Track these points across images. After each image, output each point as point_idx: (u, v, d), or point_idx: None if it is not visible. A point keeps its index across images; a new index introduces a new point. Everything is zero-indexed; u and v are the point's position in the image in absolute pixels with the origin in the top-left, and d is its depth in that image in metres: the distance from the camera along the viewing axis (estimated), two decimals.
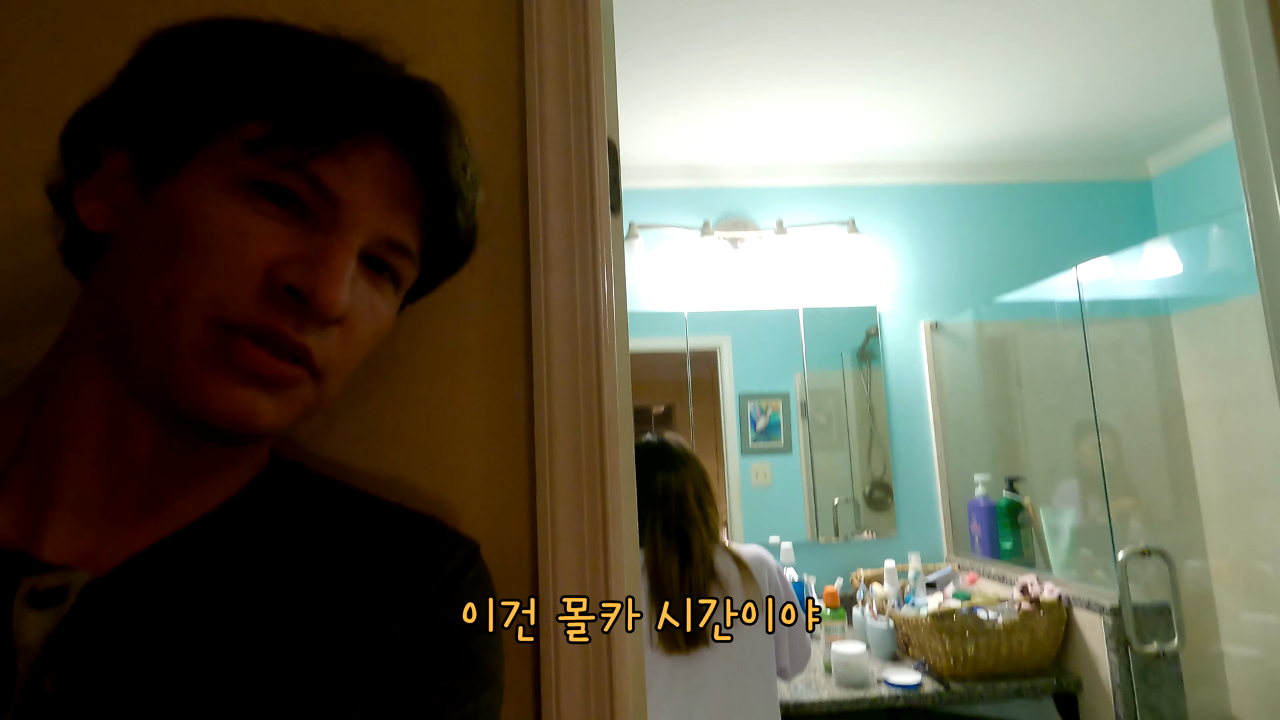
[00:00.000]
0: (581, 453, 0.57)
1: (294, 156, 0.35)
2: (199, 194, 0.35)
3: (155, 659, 0.34)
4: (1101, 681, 1.65)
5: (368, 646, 0.37)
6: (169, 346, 0.34)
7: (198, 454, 0.39)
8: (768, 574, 1.45)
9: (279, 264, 0.35)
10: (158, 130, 0.37)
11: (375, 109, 0.37)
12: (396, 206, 0.39)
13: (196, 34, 0.39)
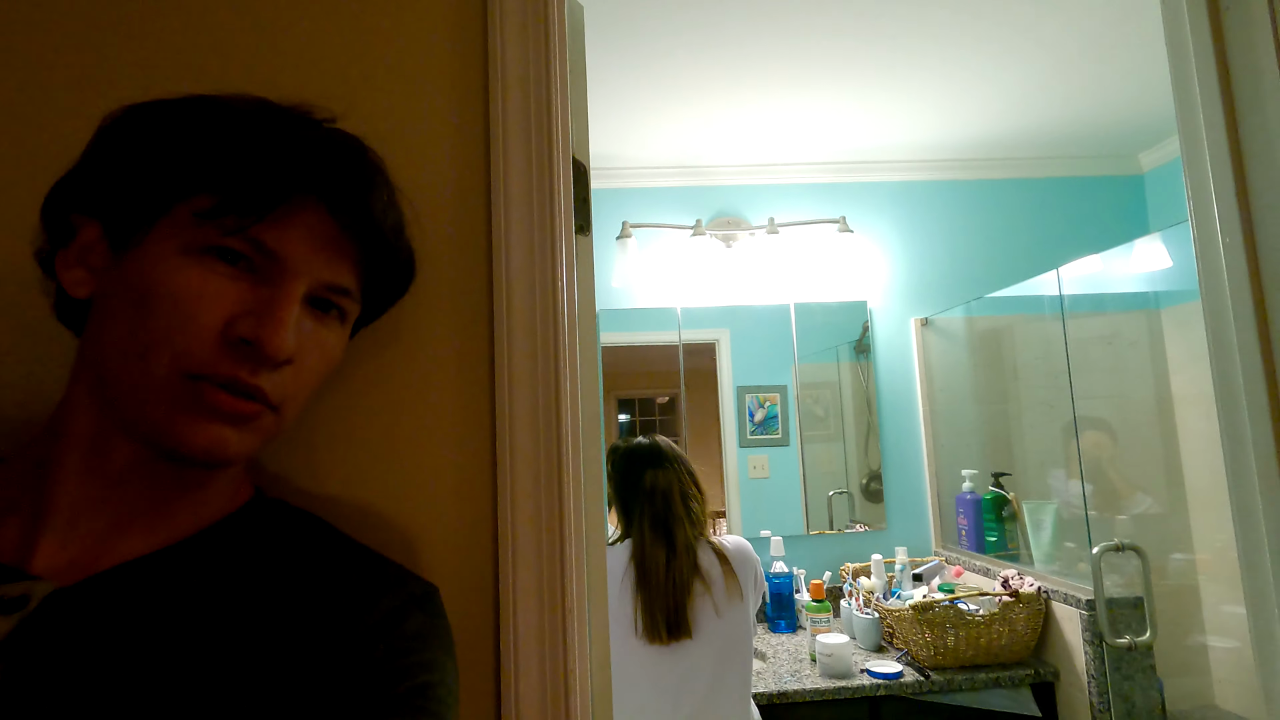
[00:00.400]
0: (541, 469, 0.61)
1: (237, 224, 0.41)
2: (161, 261, 0.41)
3: (96, 661, 0.39)
4: (1077, 672, 1.69)
5: (299, 675, 0.41)
6: (146, 393, 0.40)
7: (175, 479, 0.44)
8: (750, 566, 1.50)
9: (233, 318, 0.41)
10: (122, 203, 0.42)
11: (302, 176, 0.42)
12: (332, 255, 0.45)
13: (149, 114, 0.44)
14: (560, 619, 0.60)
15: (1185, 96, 0.82)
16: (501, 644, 0.59)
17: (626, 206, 2.40)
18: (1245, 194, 0.76)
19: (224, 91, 0.47)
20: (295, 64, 0.63)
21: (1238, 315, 0.77)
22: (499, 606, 0.59)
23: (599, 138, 2.16)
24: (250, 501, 0.50)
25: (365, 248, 0.46)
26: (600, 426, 0.76)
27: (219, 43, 0.63)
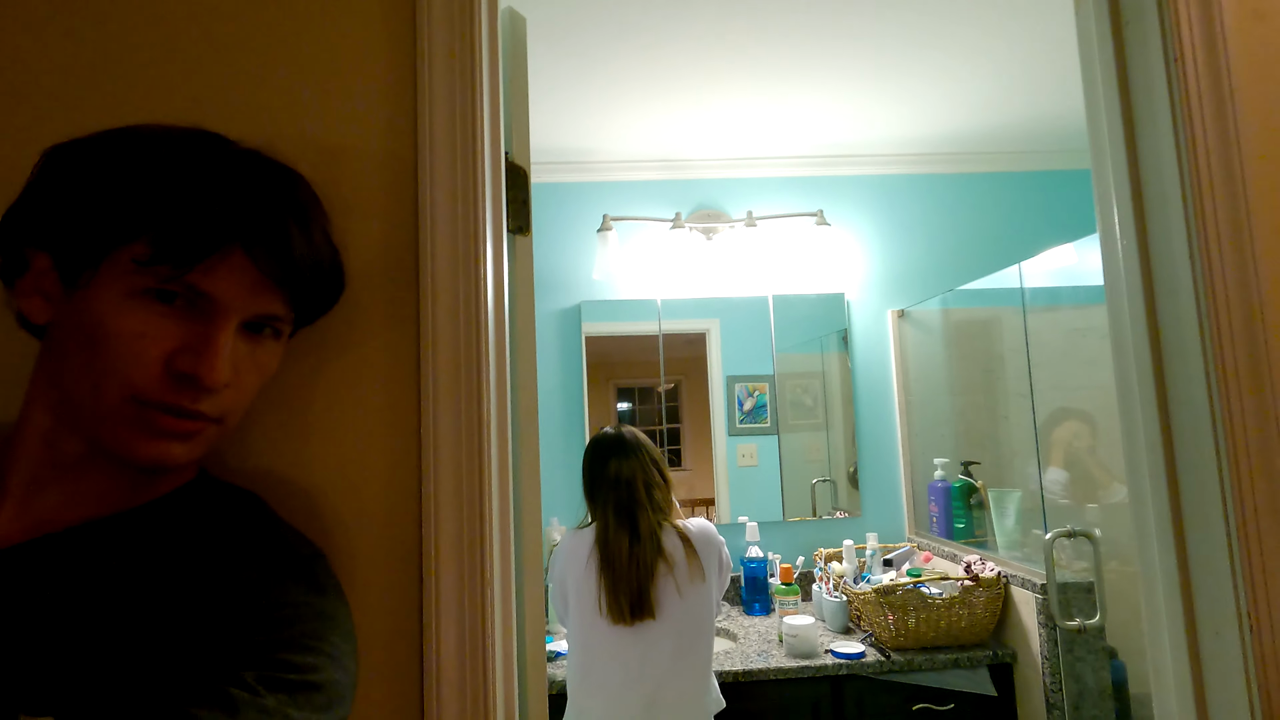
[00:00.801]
0: (463, 456, 0.66)
1: (172, 274, 0.47)
2: (108, 304, 0.47)
3: (14, 607, 0.46)
4: (1033, 653, 1.75)
5: (184, 622, 0.47)
6: (102, 417, 0.47)
7: (120, 468, 0.51)
8: (713, 548, 1.56)
9: (173, 354, 0.47)
10: (67, 244, 0.48)
11: (227, 228, 0.48)
12: (259, 289, 0.51)
13: (85, 153, 0.49)
14: (480, 591, 0.66)
15: (1093, 108, 0.86)
16: (424, 613, 0.65)
17: (606, 200, 2.44)
18: (1140, 201, 0.80)
19: (159, 120, 0.52)
20: (230, 85, 0.69)
21: (1132, 315, 0.81)
22: (422, 579, 0.65)
23: (577, 131, 2.20)
24: (192, 481, 0.57)
25: (289, 284, 0.52)
26: (536, 418, 0.82)
27: (163, 74, 0.68)
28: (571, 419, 2.39)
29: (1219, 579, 0.73)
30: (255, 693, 0.42)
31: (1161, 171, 0.76)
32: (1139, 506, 0.83)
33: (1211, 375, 0.71)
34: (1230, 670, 0.71)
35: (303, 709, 0.44)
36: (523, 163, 0.86)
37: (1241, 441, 0.69)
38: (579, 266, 2.43)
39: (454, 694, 0.63)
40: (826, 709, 1.79)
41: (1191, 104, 0.72)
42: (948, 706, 1.80)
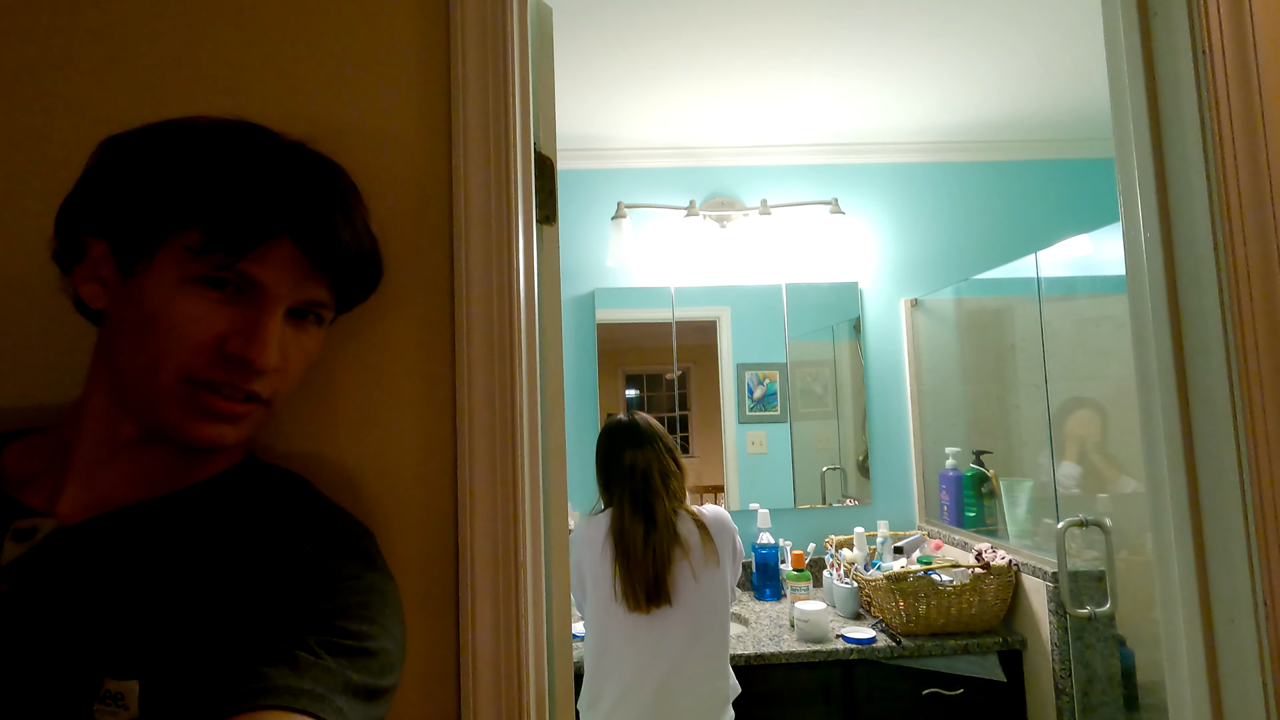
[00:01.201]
0: (496, 440, 0.68)
1: (224, 261, 0.49)
2: (162, 289, 0.49)
3: (81, 580, 0.49)
4: (1043, 640, 1.77)
5: (241, 595, 0.49)
6: (156, 398, 0.50)
7: (173, 449, 0.54)
8: (727, 534, 1.58)
9: (224, 336, 0.50)
10: (124, 232, 0.50)
11: (277, 220, 0.50)
12: (305, 278, 0.53)
13: (140, 144, 0.51)
14: (514, 572, 0.68)
15: (1118, 99, 0.86)
16: (460, 593, 0.67)
17: (621, 187, 2.45)
18: (1165, 194, 0.80)
19: (207, 113, 0.54)
20: (275, 80, 0.70)
21: (1154, 307, 0.82)
22: (458, 561, 0.67)
23: (592, 118, 2.20)
24: (240, 463, 0.59)
25: (334, 272, 0.55)
26: (563, 405, 0.84)
27: (203, 66, 0.70)
28: (584, 406, 2.41)
29: (1235, 568, 0.74)
30: (317, 655, 0.45)
31: (1187, 164, 0.77)
32: (1156, 496, 0.84)
33: (1233, 367, 0.72)
34: (1245, 657, 0.73)
35: (360, 672, 0.46)
36: (549, 153, 0.87)
37: (1261, 433, 0.70)
38: (593, 254, 2.44)
39: (489, 671, 0.66)
40: (837, 692, 1.81)
41: (1219, 97, 0.73)
42: (957, 691, 1.82)
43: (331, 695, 0.43)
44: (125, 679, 0.45)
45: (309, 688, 0.43)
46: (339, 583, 0.51)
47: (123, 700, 0.45)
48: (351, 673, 0.46)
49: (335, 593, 0.50)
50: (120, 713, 0.44)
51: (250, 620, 0.48)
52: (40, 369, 0.66)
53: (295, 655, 0.44)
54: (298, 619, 0.47)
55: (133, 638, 0.47)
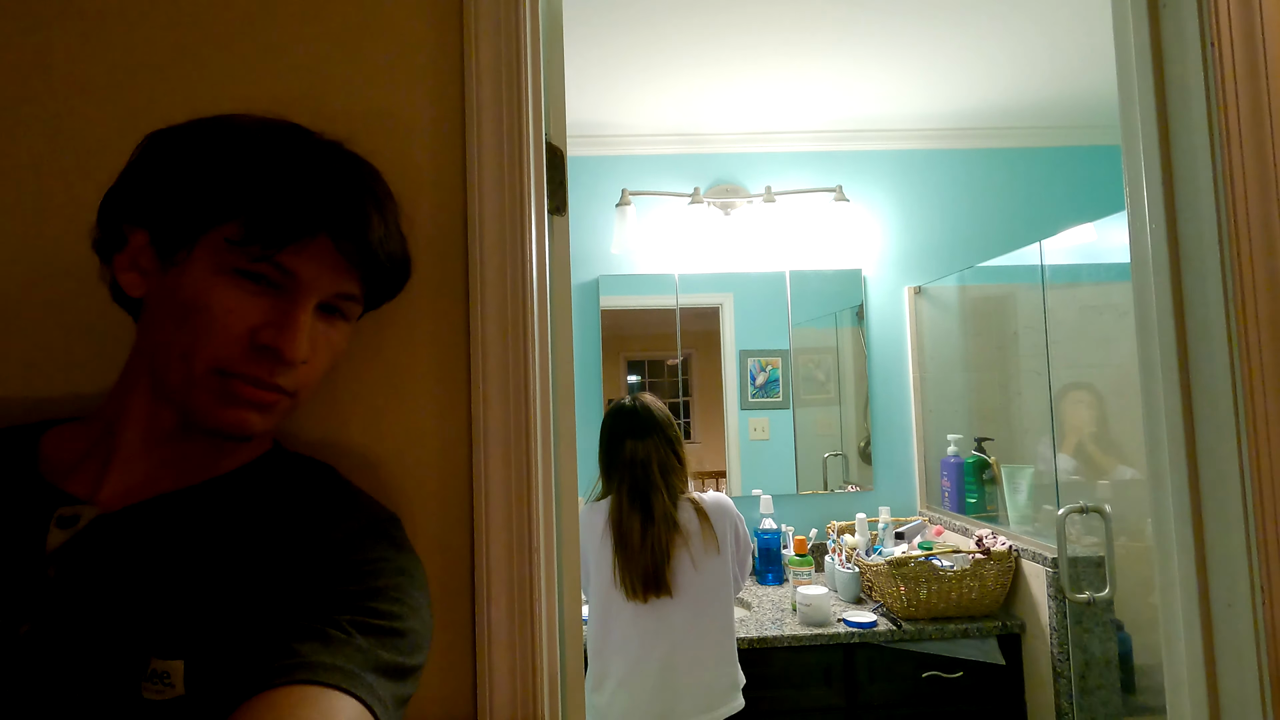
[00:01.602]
0: (510, 429, 0.70)
1: (263, 253, 0.50)
2: (200, 280, 0.50)
3: (124, 566, 0.50)
4: (1042, 625, 1.79)
5: (274, 578, 0.51)
6: (188, 386, 0.51)
7: (209, 439, 0.55)
8: (728, 520, 1.60)
9: (257, 328, 0.51)
10: (165, 222, 0.51)
11: (315, 216, 0.51)
12: (339, 272, 0.54)
13: (183, 140, 0.52)
14: (528, 558, 0.69)
15: (1125, 90, 0.87)
16: (476, 578, 0.68)
17: (625, 174, 2.44)
18: (1171, 184, 0.81)
19: (247, 110, 0.55)
20: (297, 79, 0.71)
21: (1158, 296, 0.83)
22: (474, 547, 0.69)
23: (596, 105, 2.20)
24: (268, 452, 0.61)
25: (366, 269, 0.56)
26: (573, 394, 0.85)
27: (237, 66, 0.71)
28: (589, 393, 2.43)
29: (1234, 554, 0.75)
30: (349, 634, 0.47)
31: (1194, 155, 0.77)
32: (1157, 482, 0.85)
33: (1235, 357, 0.73)
34: (1241, 641, 0.75)
35: (390, 651, 0.48)
36: (560, 143, 0.88)
37: (1262, 422, 0.72)
38: (597, 240, 2.44)
39: (504, 653, 0.67)
40: (838, 674, 1.84)
41: (1226, 89, 0.73)
42: (956, 674, 1.85)
43: (362, 673, 0.45)
44: (170, 659, 0.47)
45: (341, 664, 0.44)
46: (369, 566, 0.52)
47: (169, 679, 0.46)
48: (382, 652, 0.47)
49: (366, 575, 0.51)
50: (167, 690, 0.46)
51: (285, 601, 0.50)
52: (79, 360, 0.68)
53: (328, 634, 0.46)
54: (330, 600, 0.49)
55: (175, 619, 0.48)
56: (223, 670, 0.47)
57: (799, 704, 1.83)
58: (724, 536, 1.57)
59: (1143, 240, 0.85)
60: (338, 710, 0.42)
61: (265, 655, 0.45)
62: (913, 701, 1.85)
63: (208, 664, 0.47)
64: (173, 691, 0.46)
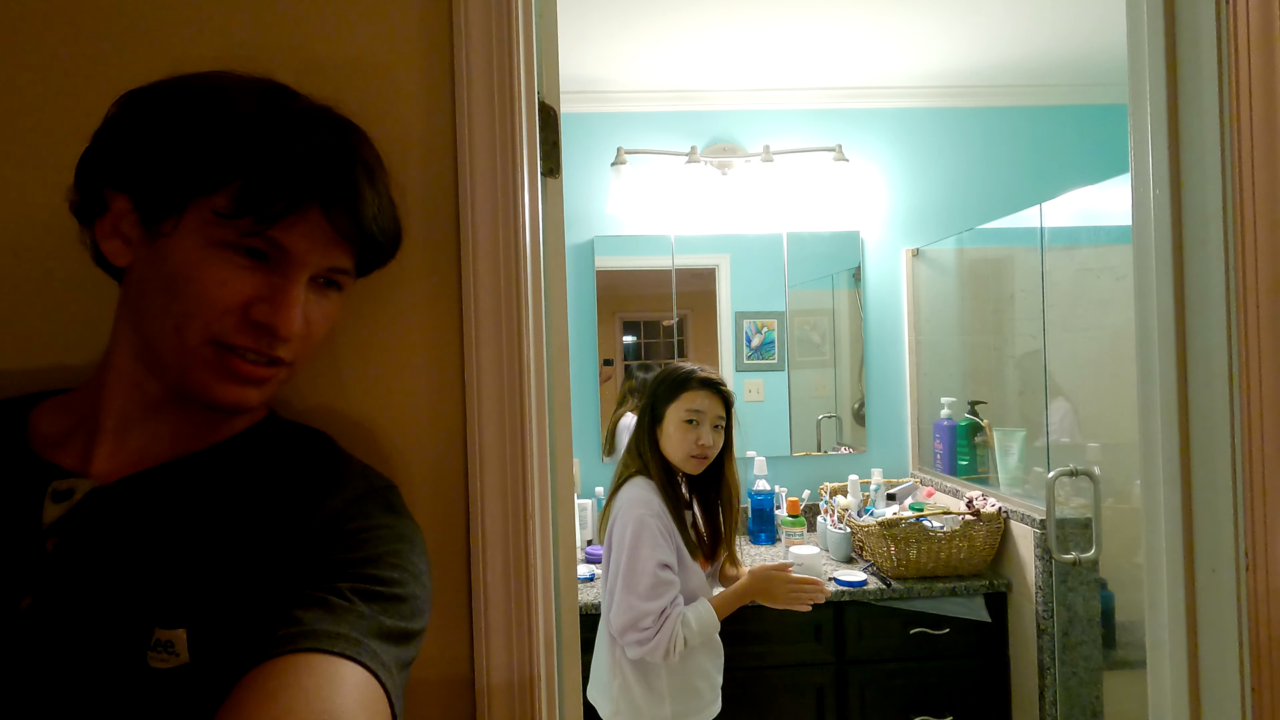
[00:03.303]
0: (504, 393, 0.69)
1: (255, 227, 0.49)
2: (190, 253, 0.49)
3: (119, 537, 0.50)
4: (1028, 584, 1.83)
5: (274, 546, 0.51)
6: (181, 359, 0.50)
7: (198, 409, 0.55)
8: (615, 525, 1.45)
9: (250, 302, 0.50)
10: (150, 188, 0.49)
11: (307, 188, 0.50)
12: (331, 246, 0.53)
13: (164, 99, 0.50)
14: (522, 523, 0.70)
15: (1135, 50, 0.84)
16: (471, 544, 0.69)
17: (620, 131, 2.39)
18: (1177, 149, 0.80)
19: (230, 60, 0.53)
20: (284, 33, 0.68)
21: (1159, 262, 0.82)
22: (469, 513, 0.69)
23: (588, 59, 2.14)
24: (263, 420, 0.60)
25: (358, 241, 0.55)
26: (568, 357, 0.84)
27: (217, 17, 0.68)
28: (583, 354, 2.42)
29: (1220, 520, 0.76)
30: (351, 601, 0.47)
31: (1202, 121, 0.76)
32: (1148, 447, 0.86)
33: (1233, 326, 0.73)
34: (1223, 604, 0.76)
35: (392, 617, 0.48)
36: (553, 102, 0.85)
37: (1256, 393, 0.72)
38: (592, 200, 2.40)
39: (500, 617, 0.68)
40: (828, 631, 1.89)
41: (1239, 53, 0.71)
42: (943, 631, 1.90)
43: (366, 639, 0.45)
44: (173, 627, 0.47)
45: (345, 632, 0.45)
46: (369, 533, 0.52)
47: (173, 647, 0.47)
48: (384, 618, 0.48)
49: (366, 543, 0.52)
50: (171, 659, 0.47)
51: (286, 568, 0.50)
52: (64, 330, 0.66)
53: (331, 601, 0.46)
54: (332, 568, 0.49)
55: (177, 588, 0.49)
56: (226, 637, 0.48)
57: (789, 659, 1.88)
58: (610, 543, 1.47)
59: (1145, 205, 0.84)
60: (343, 677, 0.42)
61: (268, 623, 0.46)
62: (900, 657, 1.90)
63: (211, 631, 0.48)
64: (177, 660, 0.47)
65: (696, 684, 1.44)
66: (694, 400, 1.44)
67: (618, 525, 1.42)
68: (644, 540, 1.37)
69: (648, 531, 1.37)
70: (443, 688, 0.68)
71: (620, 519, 1.42)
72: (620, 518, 1.42)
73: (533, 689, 0.69)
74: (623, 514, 1.42)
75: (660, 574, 1.36)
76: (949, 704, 1.91)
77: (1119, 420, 2.16)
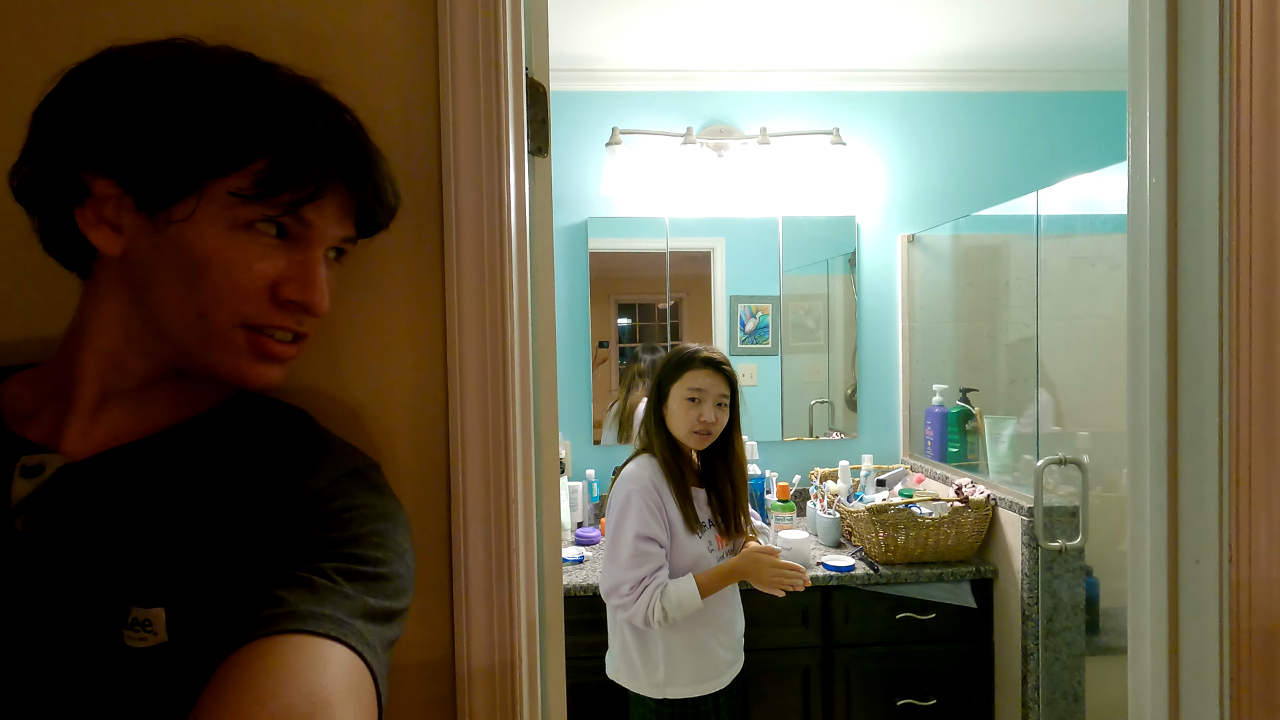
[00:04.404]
0: (487, 375, 0.68)
1: (288, 207, 0.49)
2: (213, 238, 0.48)
3: (90, 515, 0.49)
4: (1014, 570, 1.85)
5: (253, 525, 0.50)
6: (209, 344, 0.50)
7: (176, 385, 0.54)
8: (610, 499, 1.53)
9: (278, 282, 0.51)
10: (149, 173, 0.47)
11: (335, 165, 0.50)
12: (344, 219, 0.54)
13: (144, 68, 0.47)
14: (505, 507, 0.69)
15: (1136, 38, 0.83)
16: (453, 527, 0.68)
17: (615, 111, 2.36)
18: (1175, 139, 0.78)
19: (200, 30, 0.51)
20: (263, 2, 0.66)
21: (1152, 252, 0.81)
22: (450, 496, 0.68)
23: (584, 36, 2.10)
24: (234, 396, 0.59)
25: (367, 214, 0.56)
26: (554, 341, 0.83)
27: None
28: (576, 335, 2.41)
29: (1205, 512, 0.76)
30: (335, 581, 0.47)
31: (1201, 110, 0.74)
32: (1136, 437, 0.86)
33: (1225, 319, 0.72)
34: (1205, 595, 0.76)
35: (377, 596, 0.48)
36: (542, 79, 0.83)
37: (1245, 389, 0.71)
38: (585, 180, 2.37)
39: (481, 600, 0.68)
40: (815, 615, 1.90)
41: (1241, 43, 0.70)
42: (929, 616, 1.91)
43: (351, 620, 0.45)
44: (151, 606, 0.46)
45: (329, 612, 0.44)
46: (352, 513, 0.52)
47: (150, 626, 0.46)
48: (369, 598, 0.47)
49: (349, 522, 0.51)
50: (150, 637, 0.46)
51: (267, 547, 0.49)
52: (41, 302, 0.65)
53: (314, 582, 0.46)
54: (315, 548, 0.49)
55: (154, 567, 0.48)
56: (207, 616, 0.47)
57: (777, 642, 1.89)
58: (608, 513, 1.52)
59: (1141, 194, 0.83)
60: (328, 658, 0.42)
61: (251, 603, 0.45)
62: (886, 641, 1.92)
63: (190, 610, 0.47)
64: (156, 638, 0.46)
65: (693, 656, 1.48)
66: (696, 379, 1.49)
67: (612, 499, 1.51)
68: (628, 514, 1.44)
69: (632, 506, 1.45)
70: (422, 670, 0.68)
71: (614, 493, 1.51)
72: (614, 492, 1.51)
73: (514, 673, 0.69)
74: (616, 489, 1.51)
75: (639, 545, 1.42)
76: (933, 687, 1.94)
77: (1110, 409, 2.17)
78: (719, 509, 1.56)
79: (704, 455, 1.58)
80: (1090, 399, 2.17)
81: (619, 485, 1.51)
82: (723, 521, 1.56)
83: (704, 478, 1.58)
